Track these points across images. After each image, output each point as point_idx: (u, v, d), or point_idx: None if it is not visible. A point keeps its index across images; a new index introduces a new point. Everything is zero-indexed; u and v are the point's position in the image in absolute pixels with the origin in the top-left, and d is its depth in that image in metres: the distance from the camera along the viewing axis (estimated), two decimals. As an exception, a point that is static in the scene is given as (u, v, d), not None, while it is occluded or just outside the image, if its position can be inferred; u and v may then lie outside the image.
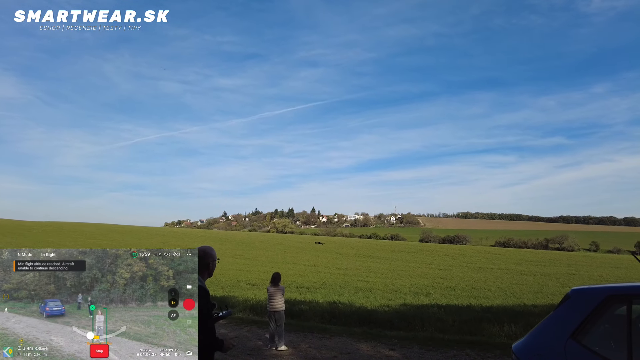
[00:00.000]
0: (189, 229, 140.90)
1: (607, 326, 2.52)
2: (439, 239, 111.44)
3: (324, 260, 39.91)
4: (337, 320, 10.74)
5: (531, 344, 2.74)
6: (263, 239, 71.16)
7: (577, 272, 33.59)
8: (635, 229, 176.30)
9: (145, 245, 52.02)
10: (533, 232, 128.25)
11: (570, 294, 2.81)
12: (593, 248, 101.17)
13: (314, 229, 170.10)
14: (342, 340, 7.88)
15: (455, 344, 7.55)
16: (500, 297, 18.81)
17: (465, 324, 10.68)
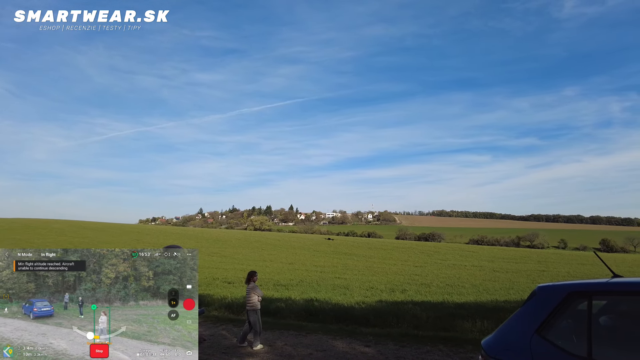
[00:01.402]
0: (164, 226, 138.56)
1: (570, 321, 2.63)
2: (415, 236, 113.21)
3: (301, 258, 39.94)
4: (314, 318, 10.77)
5: (499, 339, 2.84)
6: (240, 237, 70.56)
7: (546, 268, 34.73)
8: (600, 227, 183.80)
9: (118, 242, 50.79)
10: (505, 230, 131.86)
11: (536, 291, 2.92)
12: (561, 245, 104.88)
13: (292, 226, 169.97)
14: (318, 337, 7.92)
15: (428, 340, 7.70)
16: (473, 294, 19.23)
17: (439, 320, 10.89)
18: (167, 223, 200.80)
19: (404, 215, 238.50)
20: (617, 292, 2.64)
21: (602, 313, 2.77)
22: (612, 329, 2.67)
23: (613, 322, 2.72)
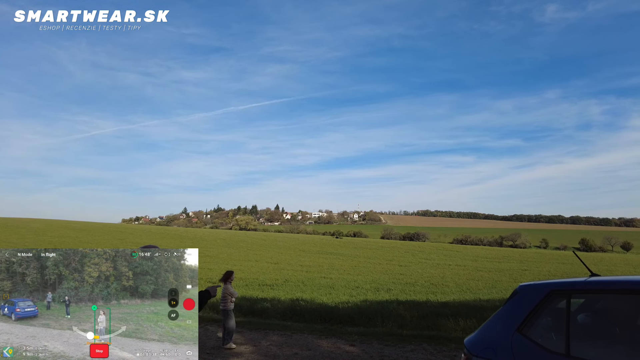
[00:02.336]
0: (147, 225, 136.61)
1: (550, 319, 2.69)
2: (400, 235, 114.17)
3: (287, 258, 39.87)
4: (299, 318, 10.77)
5: (481, 338, 2.89)
6: (225, 237, 70.09)
7: (528, 268, 35.39)
8: (579, 227, 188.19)
9: (100, 242, 49.90)
10: (489, 230, 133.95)
11: (518, 290, 2.98)
12: (543, 245, 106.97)
13: (278, 226, 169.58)
14: (303, 337, 7.92)
15: (412, 338, 7.77)
16: (457, 293, 19.48)
17: (423, 319, 11.01)
18: (151, 222, 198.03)
19: (390, 215, 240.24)
20: (595, 291, 2.72)
21: (580, 311, 2.84)
22: (589, 326, 2.74)
23: (591, 319, 2.79)
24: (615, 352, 2.46)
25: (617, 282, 2.66)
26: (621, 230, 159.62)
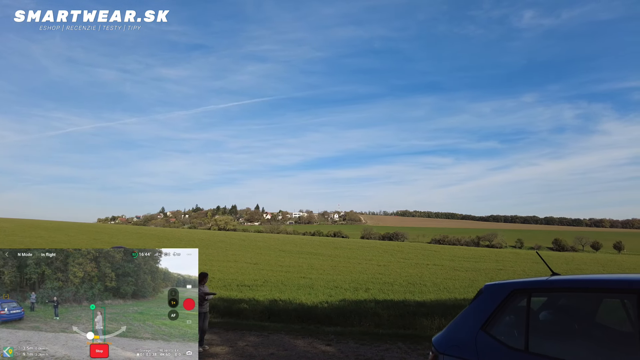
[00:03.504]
0: (124, 225, 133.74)
1: (512, 317, 2.81)
2: (379, 235, 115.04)
3: (266, 258, 39.69)
4: (277, 318, 10.78)
5: (448, 336, 2.99)
6: (203, 237, 69.23)
7: (504, 267, 36.20)
8: (553, 227, 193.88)
9: (74, 242, 48.58)
10: (466, 230, 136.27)
11: (483, 290, 3.10)
12: (518, 245, 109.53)
13: (258, 226, 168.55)
14: (280, 337, 7.94)
15: (388, 337, 7.89)
16: (434, 292, 19.78)
17: (400, 318, 11.17)
18: (128, 222, 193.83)
19: (369, 215, 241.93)
20: (553, 289, 2.84)
21: (543, 309, 2.97)
22: (549, 323, 2.87)
23: (551, 316, 2.92)
24: (574, 347, 2.59)
25: (574, 281, 2.79)
26: (591, 230, 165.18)
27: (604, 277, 2.70)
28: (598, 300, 2.70)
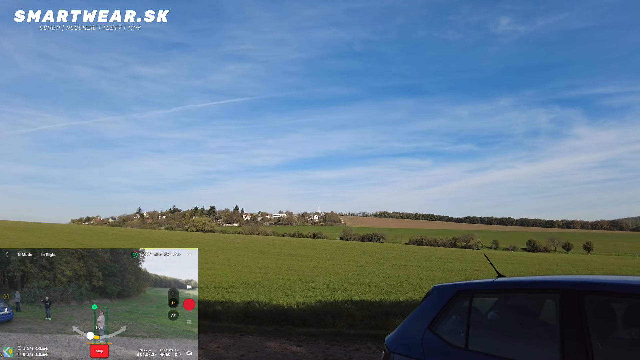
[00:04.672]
0: (98, 226, 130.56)
1: (457, 317, 2.98)
2: (358, 236, 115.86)
3: (245, 260, 39.48)
4: (251, 320, 10.80)
5: (399, 335, 3.15)
6: (180, 238, 68.31)
7: (479, 268, 36.98)
8: (527, 228, 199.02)
9: (46, 244, 47.16)
10: (443, 231, 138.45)
11: (432, 290, 3.28)
12: (494, 246, 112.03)
13: (237, 227, 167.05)
14: (252, 339, 7.99)
15: (359, 338, 8.04)
16: (410, 292, 20.06)
17: (374, 318, 11.35)
18: (103, 223, 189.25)
19: (349, 216, 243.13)
20: (494, 291, 3.03)
21: (492, 309, 3.16)
22: (495, 321, 3.05)
23: (499, 315, 3.10)
24: (511, 343, 2.77)
25: (514, 282, 2.99)
26: (563, 231, 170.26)
27: (539, 278, 2.90)
28: (538, 300, 2.90)
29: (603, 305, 2.45)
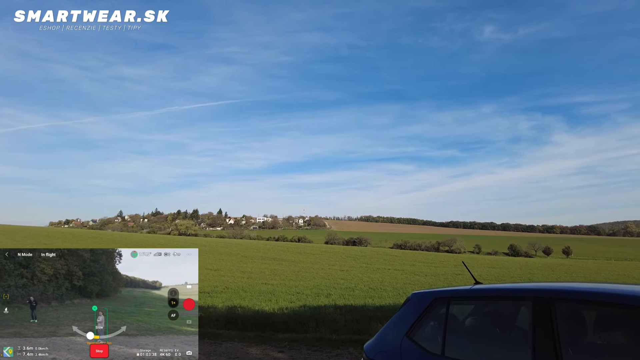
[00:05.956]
0: (78, 229, 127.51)
1: (434, 323, 3.02)
2: (343, 240, 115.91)
3: (228, 264, 39.12)
4: (233, 325, 10.71)
5: (377, 342, 3.17)
6: (162, 242, 67.38)
7: (462, 272, 37.33)
8: (509, 233, 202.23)
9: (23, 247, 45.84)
10: (427, 236, 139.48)
11: (410, 297, 3.31)
12: (476, 250, 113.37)
13: (220, 231, 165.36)
14: (233, 345, 7.91)
15: (341, 343, 8.04)
16: (393, 297, 20.19)
17: (357, 323, 11.36)
18: (83, 226, 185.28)
19: (334, 220, 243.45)
20: (470, 297, 3.09)
21: (470, 315, 3.21)
22: (473, 328, 3.09)
23: (476, 322, 3.15)
24: (490, 350, 2.82)
25: (489, 290, 3.05)
26: (544, 236, 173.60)
27: (513, 286, 2.96)
28: (512, 307, 2.96)
29: (574, 312, 2.53)
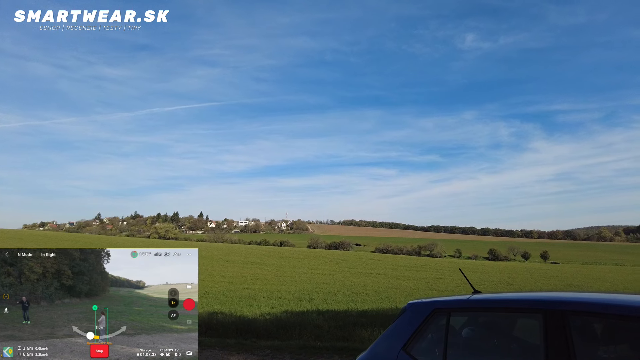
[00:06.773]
0: (54, 232, 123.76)
1: (433, 335, 2.83)
2: (326, 244, 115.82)
3: (208, 269, 38.42)
4: (213, 332, 10.35)
5: (371, 356, 2.95)
6: (142, 245, 65.86)
7: (443, 276, 37.60)
8: (489, 237, 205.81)
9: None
10: (408, 240, 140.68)
11: (407, 308, 3.10)
12: (457, 254, 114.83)
13: (201, 235, 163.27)
14: (212, 353, 7.59)
15: (325, 351, 7.81)
16: (376, 302, 20.06)
17: (340, 329, 11.15)
18: (59, 229, 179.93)
19: (317, 224, 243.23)
20: (472, 309, 2.91)
21: (466, 325, 3.02)
22: (471, 339, 2.92)
23: (474, 332, 2.97)
24: None
25: (492, 301, 2.87)
26: (522, 241, 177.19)
27: (519, 296, 2.80)
28: (520, 319, 2.79)
29: (587, 325, 2.37)
